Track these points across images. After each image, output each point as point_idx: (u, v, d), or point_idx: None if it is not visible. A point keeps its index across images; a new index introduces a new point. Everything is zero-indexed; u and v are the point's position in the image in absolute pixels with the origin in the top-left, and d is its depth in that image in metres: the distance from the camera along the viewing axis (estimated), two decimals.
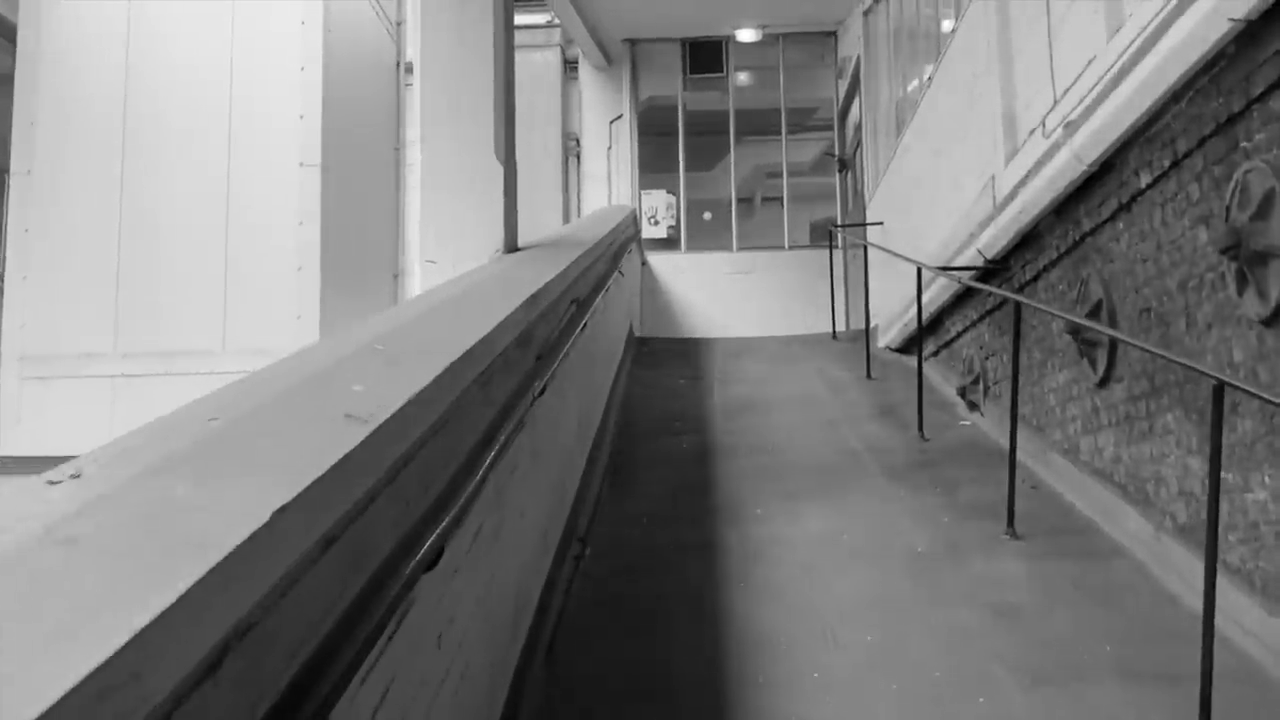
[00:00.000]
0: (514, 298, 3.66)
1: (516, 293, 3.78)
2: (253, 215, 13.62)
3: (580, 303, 5.63)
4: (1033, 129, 6.69)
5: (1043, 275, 6.70)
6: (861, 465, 7.09)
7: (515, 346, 3.67)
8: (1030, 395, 7.03)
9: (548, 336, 4.46)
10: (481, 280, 4.18)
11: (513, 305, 3.47)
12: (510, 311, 3.35)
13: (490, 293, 3.81)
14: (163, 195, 13.58)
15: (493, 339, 3.08)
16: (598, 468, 6.85)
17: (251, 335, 14.59)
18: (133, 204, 13.59)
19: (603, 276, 7.26)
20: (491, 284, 4.07)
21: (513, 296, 3.69)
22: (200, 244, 13.55)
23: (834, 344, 11.90)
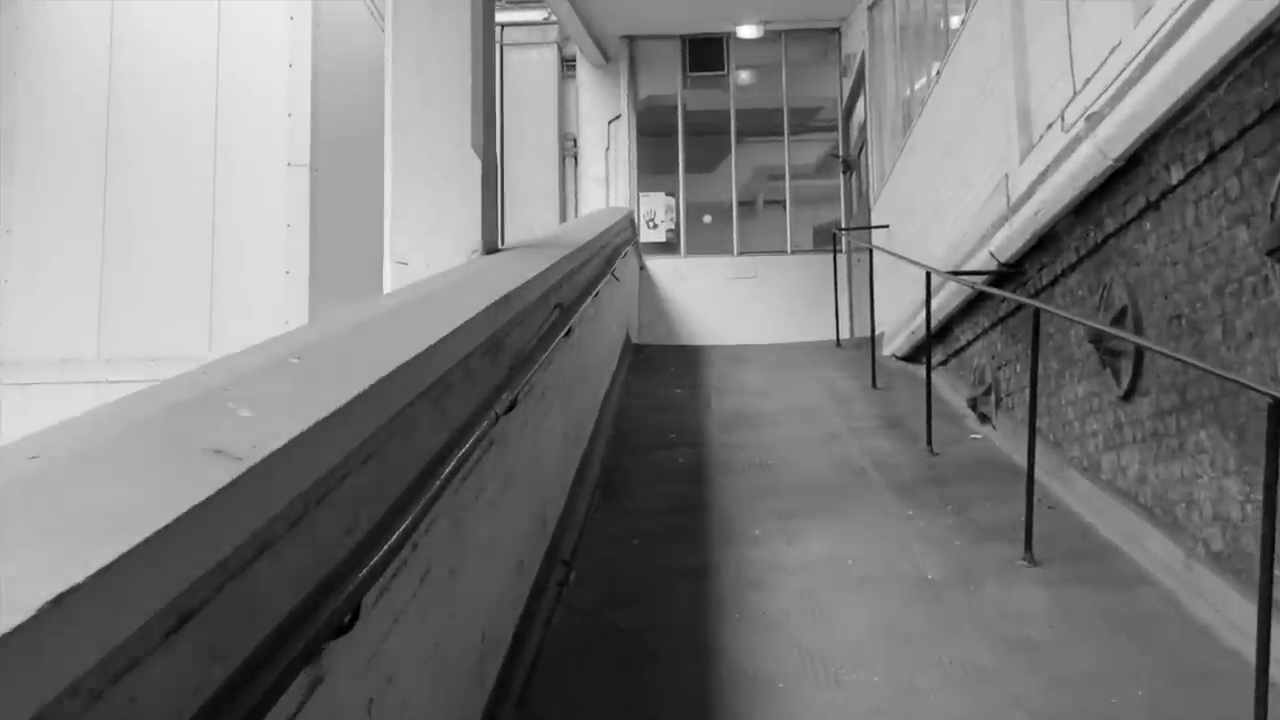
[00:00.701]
0: (479, 301, 3.26)
1: (484, 296, 3.38)
2: (239, 217, 13.23)
3: (565, 308, 5.22)
4: (1050, 123, 6.28)
5: (1061, 280, 6.28)
6: (867, 481, 6.67)
7: (481, 356, 3.27)
8: (1047, 408, 6.62)
9: (523, 345, 4.05)
10: (448, 283, 3.77)
11: (474, 309, 3.07)
12: (470, 317, 2.95)
13: (453, 297, 3.40)
14: (147, 197, 13.20)
15: (446, 348, 2.67)
16: (587, 483, 6.44)
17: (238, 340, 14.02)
18: (116, 205, 13.21)
19: (593, 280, 6.85)
20: (458, 287, 3.66)
21: (478, 300, 3.28)
22: (185, 247, 13.18)
23: (838, 352, 11.49)
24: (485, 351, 3.34)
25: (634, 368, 10.80)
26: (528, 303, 4.10)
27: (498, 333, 3.51)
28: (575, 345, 6.16)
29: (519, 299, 3.81)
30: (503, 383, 3.51)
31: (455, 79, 5.09)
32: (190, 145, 13.28)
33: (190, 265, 13.16)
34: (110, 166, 13.26)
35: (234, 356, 2.14)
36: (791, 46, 14.70)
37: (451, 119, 5.08)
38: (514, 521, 3.94)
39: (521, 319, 4.06)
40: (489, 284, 3.74)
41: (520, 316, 4.00)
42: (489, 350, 3.39)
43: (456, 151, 5.07)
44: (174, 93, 13.36)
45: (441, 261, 5.01)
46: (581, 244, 6.22)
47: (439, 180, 5.03)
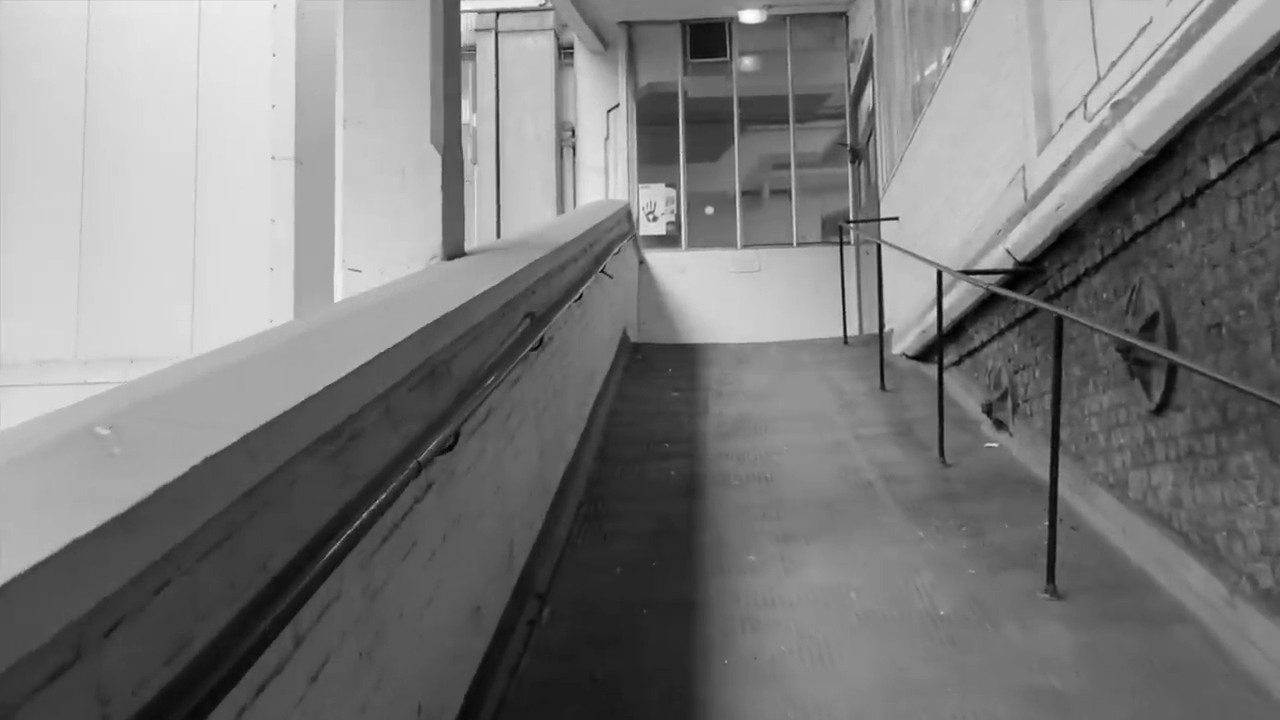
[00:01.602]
0: (411, 323, 2.77)
1: (420, 314, 2.89)
2: (221, 212, 12.76)
3: (539, 316, 4.73)
4: (1071, 111, 5.76)
5: (1083, 280, 5.77)
6: (874, 498, 6.17)
7: (411, 389, 2.78)
8: (1069, 417, 6.11)
9: (478, 366, 3.57)
10: (383, 299, 3.28)
11: (400, 334, 2.58)
12: (389, 346, 2.46)
13: (382, 317, 2.92)
14: (126, 192, 12.73)
15: (347, 391, 2.19)
16: (569, 502, 5.96)
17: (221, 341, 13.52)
18: (94, 201, 12.75)
19: (577, 282, 6.36)
20: (393, 304, 3.18)
21: (411, 320, 2.79)
22: (165, 244, 12.71)
23: (845, 350, 10.97)
24: (419, 382, 2.85)
25: (630, 369, 10.31)
26: (482, 317, 3.61)
27: (437, 357, 3.02)
28: (555, 355, 5.67)
29: (468, 314, 3.32)
30: (445, 414, 3.03)
31: (414, 66, 4.60)
32: (171, 139, 12.82)
33: (171, 263, 12.71)
34: (88, 161, 12.81)
35: (29, 425, 1.66)
36: (797, 31, 14.15)
37: (409, 111, 4.60)
38: (466, 568, 3.46)
39: (476, 335, 3.57)
40: (434, 298, 3.25)
41: (473, 333, 3.52)
42: (424, 379, 2.90)
43: (415, 147, 4.58)
44: (154, 85, 12.89)
45: (398, 268, 4.53)
46: (562, 243, 5.73)
47: (395, 179, 4.55)
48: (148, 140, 12.68)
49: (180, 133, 12.82)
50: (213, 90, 12.74)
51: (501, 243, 5.91)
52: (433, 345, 2.91)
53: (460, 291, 3.43)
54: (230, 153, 12.68)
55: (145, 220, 12.72)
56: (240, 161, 12.60)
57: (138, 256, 12.69)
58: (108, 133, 12.93)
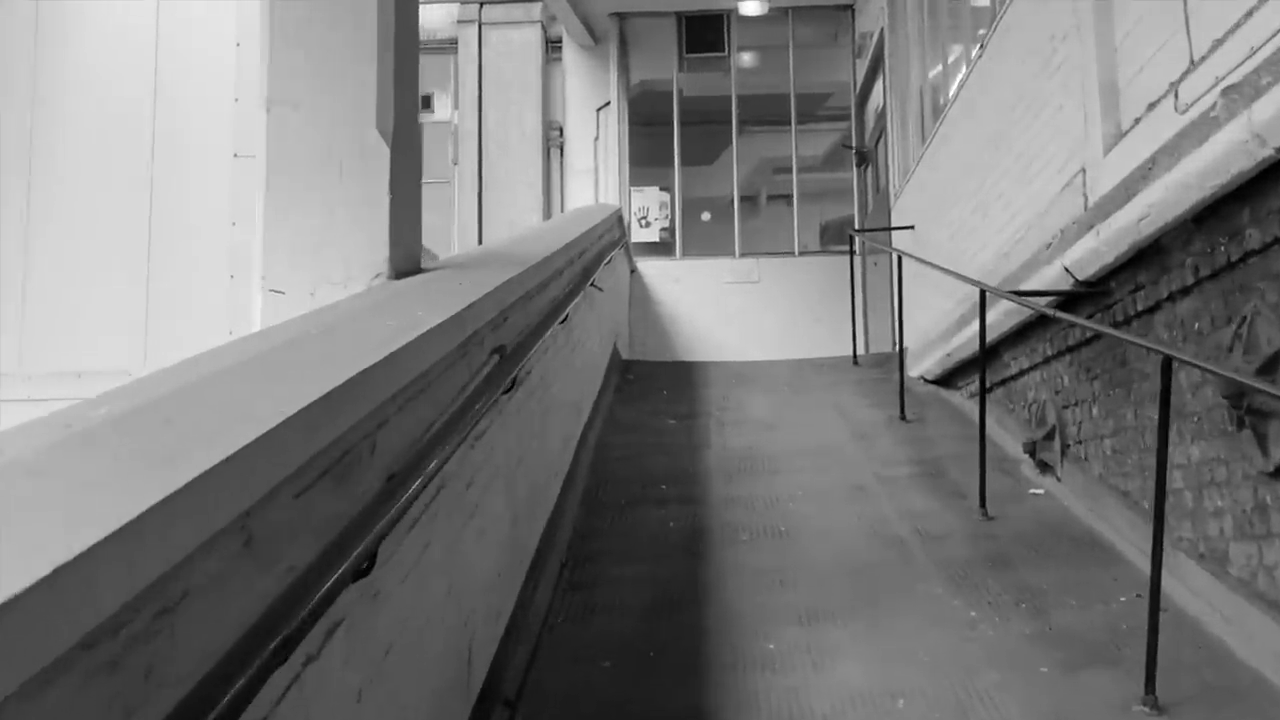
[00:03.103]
0: (298, 392, 1.80)
1: (320, 374, 1.93)
2: (179, 215, 11.74)
3: (511, 351, 3.77)
4: (1153, 102, 4.82)
5: (1165, 306, 4.82)
6: (909, 560, 5.22)
7: (299, 492, 1.82)
8: (1140, 466, 5.19)
9: (416, 435, 2.60)
10: (279, 342, 2.31)
11: (261, 422, 1.62)
12: (237, 449, 1.50)
13: (258, 381, 1.96)
14: (76, 192, 11.71)
15: (138, 549, 1.21)
16: (549, 565, 4.99)
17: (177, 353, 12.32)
18: (41, 203, 11.73)
19: (561, 301, 5.40)
20: (289, 353, 2.21)
21: (299, 388, 1.83)
22: (118, 249, 11.69)
23: (855, 371, 10.02)
24: (316, 479, 1.89)
25: (621, 390, 9.35)
26: (429, 363, 2.64)
27: (350, 436, 2.06)
28: (534, 391, 4.71)
29: (406, 363, 2.36)
30: (363, 517, 2.06)
31: (358, 33, 3.64)
32: (125, 134, 11.80)
33: (124, 269, 11.68)
34: (34, 157, 11.78)
35: None
36: (799, 25, 13.21)
37: (351, 89, 3.64)
38: (400, 698, 2.49)
39: (420, 389, 2.62)
40: (355, 342, 2.29)
41: (415, 387, 2.56)
42: (326, 473, 1.94)
43: (358, 135, 3.63)
44: (107, 76, 11.87)
45: (332, 289, 3.57)
46: (544, 256, 4.76)
47: (331, 176, 3.59)
48: (100, 137, 11.66)
49: (136, 128, 11.80)
50: (172, 82, 11.72)
51: (468, 256, 4.96)
52: (339, 421, 1.95)
53: (397, 330, 2.47)
54: (189, 149, 11.66)
55: (95, 223, 11.70)
56: (200, 159, 11.57)
57: (88, 262, 11.68)
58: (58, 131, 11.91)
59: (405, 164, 3.76)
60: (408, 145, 3.80)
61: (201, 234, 11.63)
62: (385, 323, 2.54)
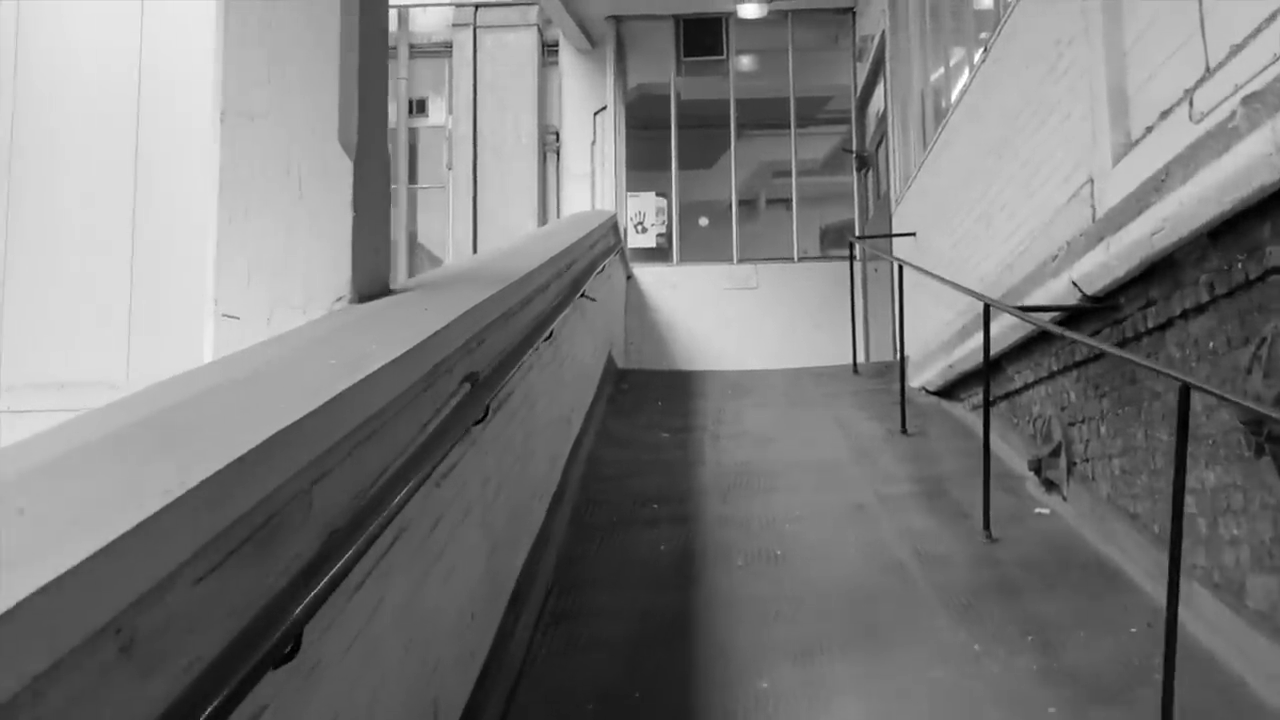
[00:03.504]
0: (207, 456, 1.57)
1: (229, 441, 1.70)
2: (166, 216, 11.52)
3: (484, 378, 3.54)
4: (1166, 109, 4.59)
5: (1177, 324, 4.59)
6: (910, 587, 4.99)
7: (199, 577, 1.59)
8: (1150, 489, 4.96)
9: (362, 485, 2.37)
10: (210, 386, 2.08)
11: (164, 497, 1.39)
12: (139, 520, 1.27)
13: (171, 434, 1.73)
14: (58, 202, 11.49)
15: None
16: (534, 594, 4.77)
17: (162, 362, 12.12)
18: (21, 211, 11.51)
19: (546, 317, 5.17)
20: (211, 402, 1.98)
21: (208, 451, 1.60)
22: (102, 258, 11.47)
23: (855, 380, 9.78)
24: (231, 553, 1.66)
25: (615, 401, 9.13)
26: (383, 403, 2.41)
27: (280, 495, 1.84)
28: (516, 414, 4.49)
29: (337, 419, 2.12)
30: (284, 596, 1.83)
31: (321, 36, 3.41)
32: (109, 142, 11.59)
33: (107, 279, 11.47)
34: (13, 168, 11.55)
35: None
36: (799, 28, 12.98)
37: (311, 100, 3.42)
38: None
39: (370, 432, 2.39)
40: (270, 399, 2.06)
41: (364, 431, 2.33)
42: (239, 549, 1.71)
43: (319, 148, 3.40)
44: (90, 72, 11.66)
45: (290, 314, 3.35)
46: (526, 272, 4.53)
47: (290, 192, 3.36)
48: (83, 142, 11.46)
49: (120, 137, 11.59)
50: (155, 92, 11.51)
51: (442, 274, 4.73)
52: (256, 486, 1.73)
53: (340, 370, 2.24)
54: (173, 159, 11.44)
55: (80, 233, 11.49)
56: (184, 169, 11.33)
57: (71, 272, 11.47)
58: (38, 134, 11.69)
59: (371, 180, 3.54)
60: (374, 159, 3.57)
61: (189, 236, 11.38)
62: (327, 362, 2.31)
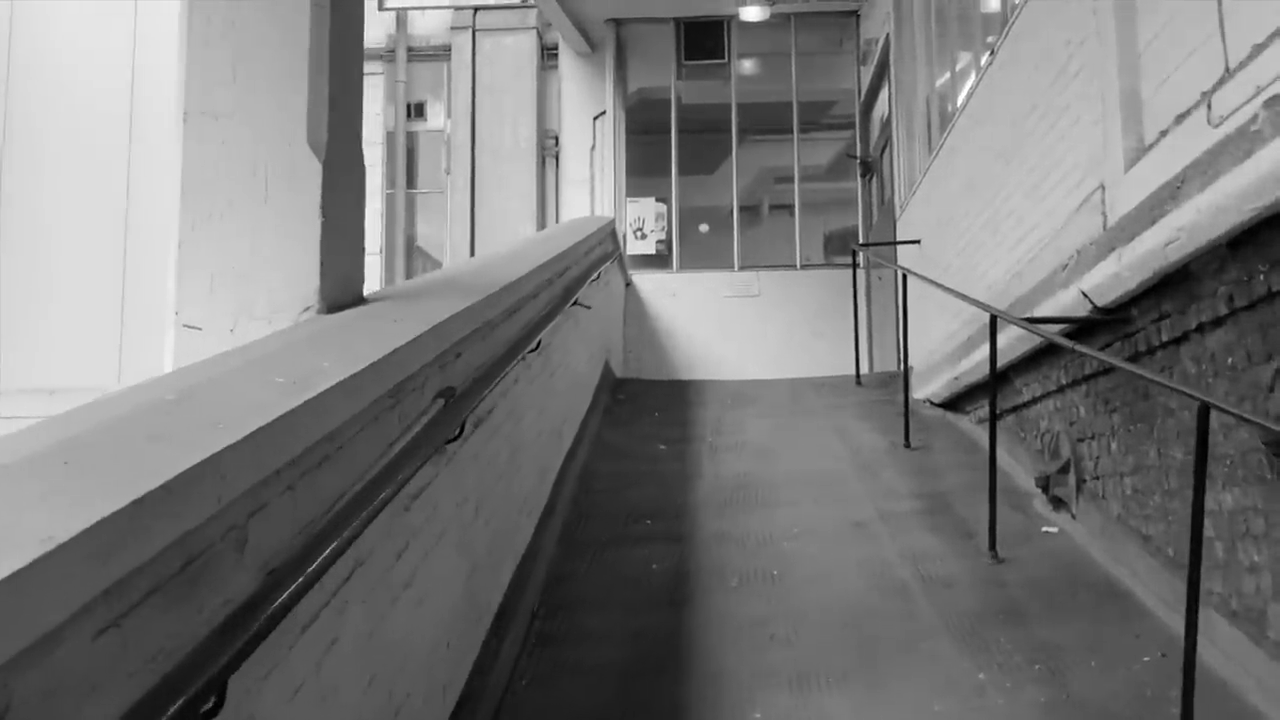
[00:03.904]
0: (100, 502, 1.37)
1: (135, 475, 1.50)
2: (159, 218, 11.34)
3: (461, 393, 3.34)
4: (1182, 113, 4.38)
5: (1192, 338, 4.38)
6: (912, 611, 4.78)
7: (97, 633, 1.38)
8: (1163, 509, 4.75)
9: (318, 513, 2.17)
10: (134, 408, 1.88)
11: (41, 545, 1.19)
12: None
13: (71, 473, 1.53)
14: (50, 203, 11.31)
15: None
16: (519, 615, 4.56)
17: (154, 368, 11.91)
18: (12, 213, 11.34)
19: (534, 326, 4.97)
20: (117, 432, 1.77)
21: (105, 495, 1.40)
22: (94, 261, 11.31)
23: (858, 391, 9.57)
24: (122, 616, 1.46)
25: (611, 411, 8.92)
26: (337, 423, 2.21)
27: (186, 545, 1.62)
28: (498, 430, 4.28)
29: (273, 446, 1.92)
30: (204, 649, 1.63)
31: (289, 33, 3.22)
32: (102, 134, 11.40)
33: (99, 283, 11.28)
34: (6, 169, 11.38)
35: None
36: (802, 31, 12.79)
37: (281, 96, 3.22)
38: None
39: (315, 462, 2.19)
40: (194, 424, 1.85)
41: (303, 464, 2.13)
42: (148, 598, 1.51)
43: (286, 149, 3.21)
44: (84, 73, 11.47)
45: (255, 324, 3.16)
46: (509, 282, 4.33)
47: (255, 196, 3.17)
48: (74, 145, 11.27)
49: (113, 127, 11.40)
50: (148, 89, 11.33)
51: (421, 283, 4.53)
52: (167, 526, 1.52)
53: (283, 390, 2.04)
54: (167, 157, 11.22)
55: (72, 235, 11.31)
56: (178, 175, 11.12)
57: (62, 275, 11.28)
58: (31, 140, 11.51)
59: (342, 183, 3.34)
60: (346, 161, 3.37)
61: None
62: (272, 381, 2.11)
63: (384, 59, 14.14)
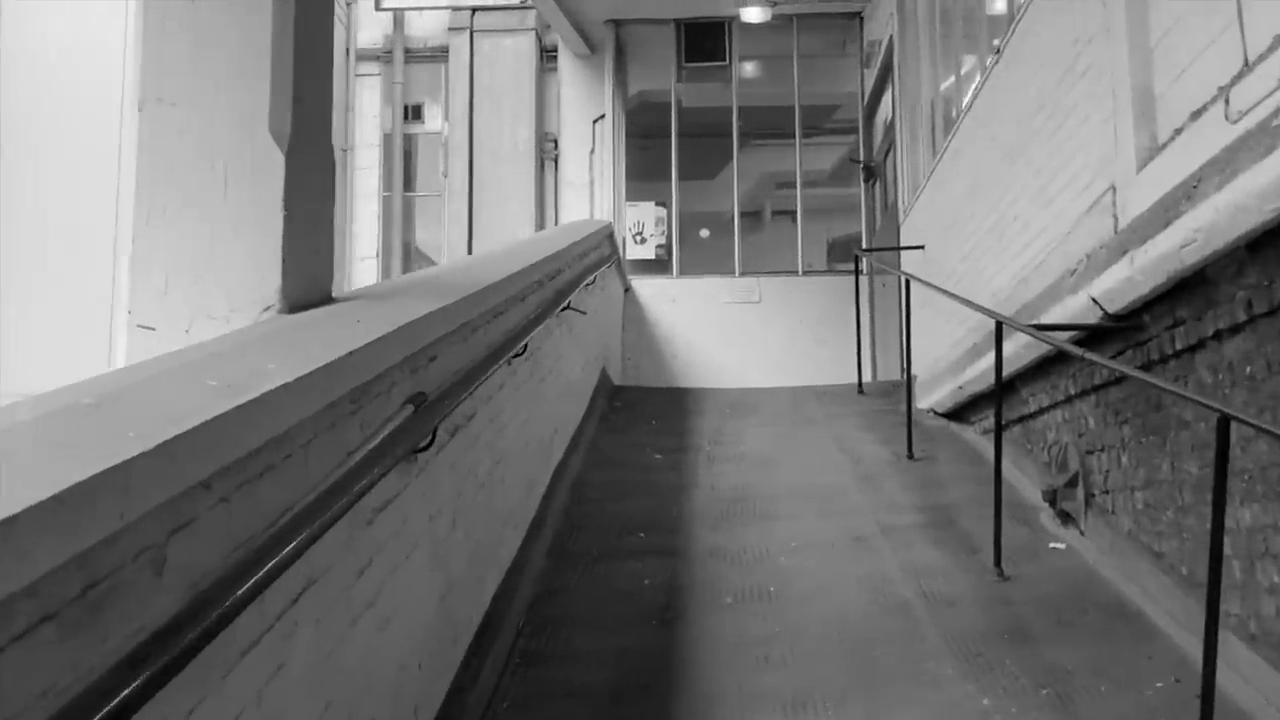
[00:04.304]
0: None
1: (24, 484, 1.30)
2: None
3: (433, 400, 3.14)
4: (1197, 109, 4.18)
5: (1210, 345, 4.17)
6: (914, 631, 4.57)
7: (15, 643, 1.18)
8: (1177, 525, 4.54)
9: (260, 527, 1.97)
10: (46, 413, 1.68)
11: None
12: None
13: None
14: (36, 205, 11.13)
15: None
16: (502, 632, 4.35)
17: None
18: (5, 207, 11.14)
19: (520, 330, 4.77)
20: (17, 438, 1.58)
21: None
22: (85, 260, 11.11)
23: (860, 400, 9.36)
24: (3, 649, 1.25)
25: (607, 419, 8.72)
26: (256, 442, 2.00)
27: (88, 566, 1.42)
28: (475, 439, 4.08)
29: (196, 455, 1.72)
30: (105, 690, 1.43)
31: (247, 22, 3.03)
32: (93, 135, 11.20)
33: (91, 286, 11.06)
34: None
35: None
36: (805, 34, 12.59)
37: (239, 88, 3.03)
38: None
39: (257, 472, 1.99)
40: (107, 429, 1.66)
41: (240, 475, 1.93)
42: (38, 627, 1.31)
43: (247, 139, 3.01)
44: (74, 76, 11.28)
45: (211, 324, 2.97)
46: (489, 284, 4.12)
47: (214, 188, 2.98)
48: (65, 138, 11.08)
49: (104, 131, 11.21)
50: None
51: (394, 284, 4.34)
52: (72, 538, 1.33)
53: (215, 394, 1.84)
54: None
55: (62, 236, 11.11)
56: None
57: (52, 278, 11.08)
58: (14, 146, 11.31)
59: (309, 175, 3.14)
60: (313, 152, 3.17)
61: None
62: (204, 384, 1.91)
63: (381, 60, 13.98)
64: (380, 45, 13.98)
